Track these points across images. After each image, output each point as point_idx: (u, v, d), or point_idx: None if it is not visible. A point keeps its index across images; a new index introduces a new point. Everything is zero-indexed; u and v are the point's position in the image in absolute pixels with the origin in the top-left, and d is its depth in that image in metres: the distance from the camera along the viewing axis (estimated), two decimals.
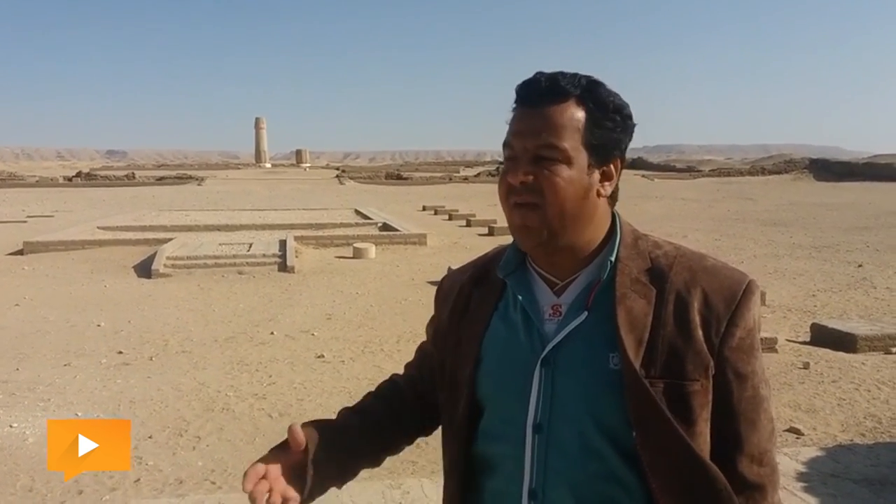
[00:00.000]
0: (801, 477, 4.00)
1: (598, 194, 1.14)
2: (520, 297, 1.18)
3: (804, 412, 5.62)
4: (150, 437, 5.10)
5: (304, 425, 1.23)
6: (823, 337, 7.63)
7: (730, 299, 1.10)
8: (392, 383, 1.44)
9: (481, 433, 1.21)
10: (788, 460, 4.22)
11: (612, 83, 1.18)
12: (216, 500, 3.81)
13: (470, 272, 1.32)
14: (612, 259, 1.14)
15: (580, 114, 1.11)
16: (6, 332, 8.27)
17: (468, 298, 1.27)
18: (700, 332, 1.08)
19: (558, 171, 1.10)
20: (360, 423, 1.32)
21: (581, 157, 1.11)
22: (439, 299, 1.37)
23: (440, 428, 1.32)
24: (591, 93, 1.12)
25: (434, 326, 1.38)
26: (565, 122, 1.10)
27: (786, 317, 9.03)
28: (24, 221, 21.78)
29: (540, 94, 1.11)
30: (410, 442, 1.41)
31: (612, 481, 1.10)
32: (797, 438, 5.09)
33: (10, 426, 5.26)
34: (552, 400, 1.12)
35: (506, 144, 1.14)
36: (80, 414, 5.55)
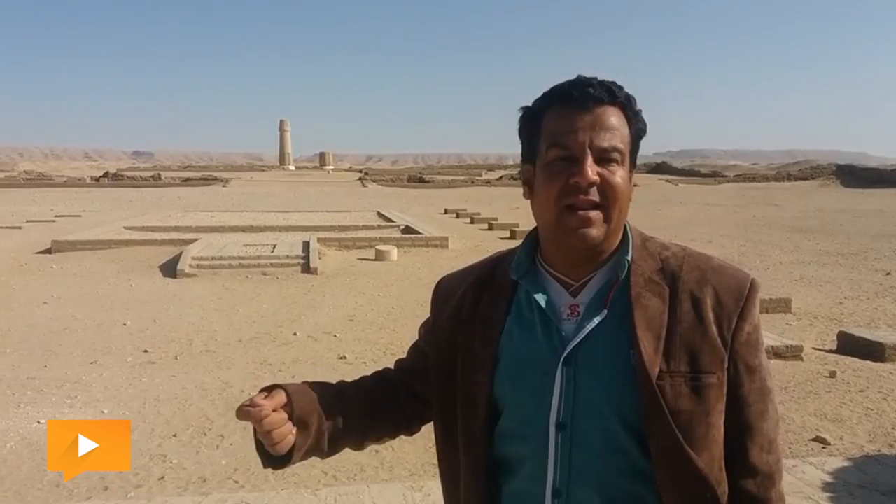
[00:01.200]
0: (826, 487, 3.95)
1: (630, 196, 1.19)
2: (538, 298, 1.19)
3: (830, 422, 5.55)
4: (174, 436, 5.15)
5: (302, 384, 1.27)
6: (851, 345, 7.52)
7: (738, 297, 1.15)
8: (388, 375, 1.43)
9: (499, 435, 1.21)
10: (814, 470, 4.17)
11: (638, 86, 1.19)
12: (239, 498, 3.84)
13: (475, 275, 1.32)
14: (629, 259, 1.17)
15: (625, 119, 1.16)
16: (35, 329, 8.40)
17: (475, 302, 1.28)
18: (714, 328, 1.13)
19: (619, 172, 1.14)
20: (361, 402, 1.32)
21: (627, 160, 1.17)
22: (437, 302, 1.37)
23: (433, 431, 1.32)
24: (629, 101, 1.17)
25: (430, 329, 1.37)
26: (619, 125, 1.15)
27: (812, 324, 8.91)
28: (53, 221, 22.12)
29: (595, 98, 1.13)
30: (394, 436, 1.42)
31: (637, 476, 1.12)
32: (823, 448, 5.02)
33: (38, 422, 5.34)
34: (575, 398, 1.13)
35: (555, 144, 1.14)
36: (105, 411, 5.63)
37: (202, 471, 4.60)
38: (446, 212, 27.46)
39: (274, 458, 1.20)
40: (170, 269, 12.76)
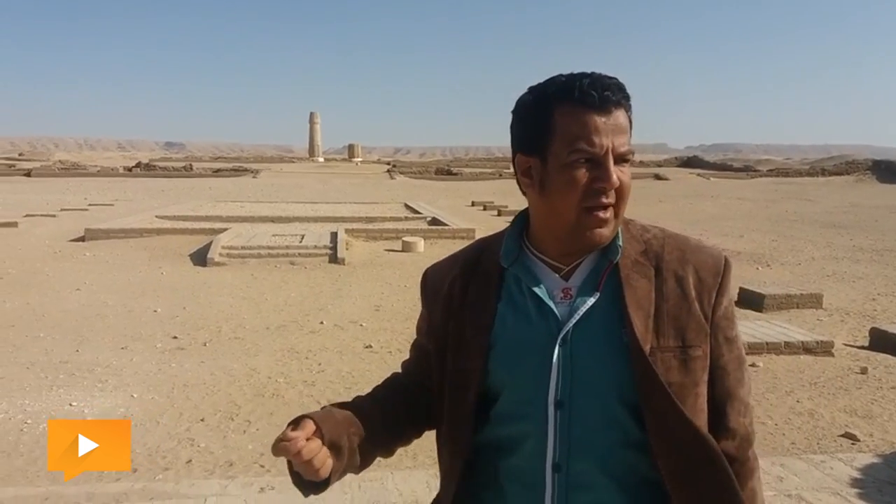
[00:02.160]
0: (855, 483, 3.89)
1: None
2: (532, 285, 1.23)
3: (860, 418, 5.46)
4: (202, 420, 5.23)
5: (324, 409, 1.26)
6: (883, 342, 7.39)
7: (716, 273, 1.23)
8: (399, 378, 1.45)
9: (496, 417, 1.24)
10: (843, 466, 4.11)
11: (669, 80, 1.13)
12: (265, 482, 3.88)
13: (460, 265, 1.34)
14: (620, 244, 1.22)
15: (628, 119, 1.19)
16: (68, 315, 8.56)
17: (464, 290, 1.29)
18: (697, 304, 1.20)
19: (628, 173, 1.20)
20: (381, 412, 1.33)
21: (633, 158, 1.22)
22: (427, 295, 1.38)
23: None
24: (627, 92, 1.19)
25: (426, 321, 1.39)
26: (627, 126, 1.18)
27: (843, 320, 8.77)
28: (86, 209, 22.50)
29: (614, 102, 1.16)
30: (419, 435, 1.42)
31: (634, 448, 1.18)
32: (853, 444, 4.95)
33: (70, 405, 5.46)
34: (573, 376, 1.17)
35: (578, 147, 1.14)
36: (135, 395, 5.72)
37: (229, 455, 4.67)
38: (473, 204, 27.45)
39: (313, 485, 1.21)
40: (200, 257, 12.92)
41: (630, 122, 1.20)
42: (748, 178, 49.16)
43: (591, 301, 1.19)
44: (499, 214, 23.30)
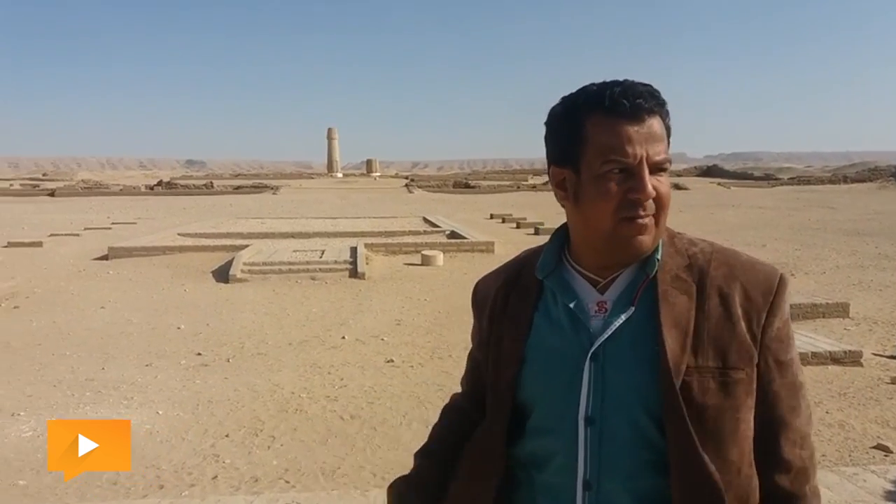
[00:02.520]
0: (889, 496, 3.81)
1: None
2: (565, 298, 1.21)
3: (893, 429, 5.36)
4: (226, 436, 5.25)
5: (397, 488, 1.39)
6: None
7: (767, 292, 1.16)
8: (459, 411, 1.46)
9: (530, 430, 1.23)
10: (876, 478, 4.02)
11: (690, 89, 1.09)
12: (290, 498, 3.88)
13: (503, 276, 1.35)
14: (658, 258, 1.18)
15: (664, 126, 1.16)
16: (93, 333, 8.65)
17: (505, 301, 1.30)
18: (743, 324, 1.13)
19: (666, 181, 1.17)
20: (444, 474, 1.38)
21: (670, 166, 1.19)
22: (476, 307, 1.39)
23: None
24: (663, 100, 1.16)
25: (476, 334, 1.40)
26: (663, 134, 1.16)
27: (871, 330, 8.63)
28: (109, 228, 22.76)
29: (647, 110, 1.13)
30: None
31: (663, 470, 1.13)
32: (885, 456, 4.86)
33: None
34: (603, 392, 1.15)
35: (611, 158, 1.12)
36: (160, 412, 5.76)
37: (254, 471, 4.68)
38: (492, 217, 27.42)
39: None
40: (222, 274, 13.01)
41: (667, 129, 1.17)
42: (769, 187, 48.77)
43: (624, 316, 1.16)
44: (517, 227, 23.26)
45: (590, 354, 1.16)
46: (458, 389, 1.52)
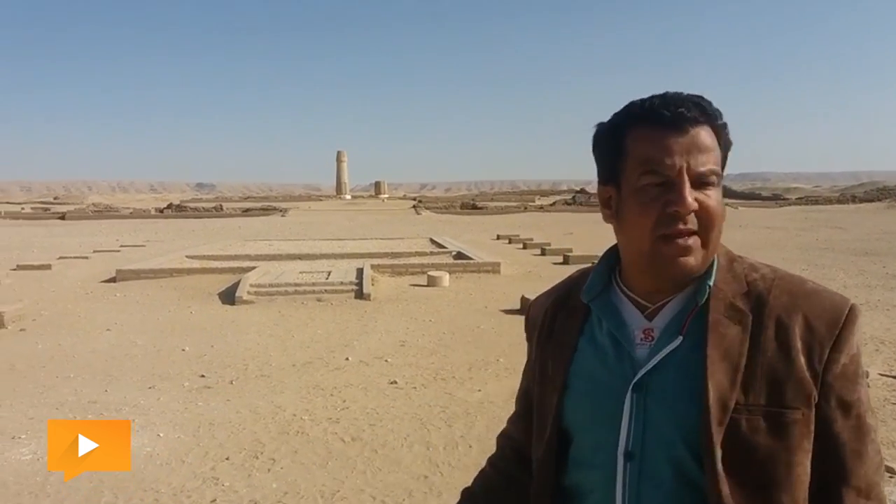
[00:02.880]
0: None
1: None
2: (609, 323, 1.16)
3: None
4: (226, 459, 5.22)
5: None
6: None
7: (832, 324, 1.06)
8: (506, 445, 1.48)
9: (571, 461, 1.18)
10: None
11: None
12: None
13: (553, 297, 1.30)
14: (711, 283, 1.10)
15: (715, 137, 1.09)
16: (97, 355, 8.66)
17: (553, 322, 1.26)
18: (802, 359, 1.04)
19: (714, 195, 1.08)
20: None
21: (719, 182, 1.11)
22: (527, 326, 1.36)
23: None
24: (719, 116, 1.11)
25: (529, 358, 1.35)
26: (713, 145, 1.08)
27: (878, 350, 8.55)
28: (118, 251, 22.88)
29: (689, 119, 1.07)
30: None
31: None
32: (890, 477, 4.79)
33: None
34: (644, 426, 1.08)
35: (649, 169, 1.07)
36: (161, 435, 5.74)
37: (253, 494, 4.64)
38: (499, 237, 27.42)
39: None
40: (228, 296, 13.03)
41: (721, 141, 1.10)
42: (777, 207, 48.69)
43: (671, 346, 1.08)
44: (524, 248, 23.25)
45: (632, 385, 1.10)
46: (461, 411, 1.54)
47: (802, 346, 1.04)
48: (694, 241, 1.07)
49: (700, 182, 1.06)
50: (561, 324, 1.24)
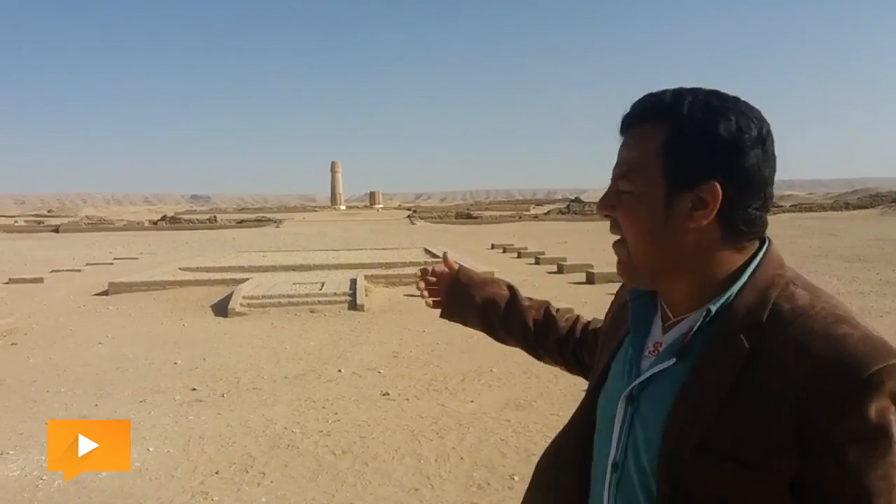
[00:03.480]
0: None
1: (689, 227, 1.01)
2: (633, 327, 1.15)
3: None
4: (216, 473, 5.19)
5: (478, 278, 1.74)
6: None
7: (842, 382, 0.86)
8: (548, 317, 1.62)
9: (591, 459, 1.18)
10: None
11: None
12: None
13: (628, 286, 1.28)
14: (714, 308, 0.99)
15: (658, 137, 1.01)
16: (88, 369, 8.62)
17: (622, 308, 1.24)
18: (790, 415, 0.88)
19: (630, 208, 1.04)
20: (511, 302, 1.63)
21: (656, 187, 1.02)
22: (615, 299, 1.35)
23: None
24: (671, 109, 1.01)
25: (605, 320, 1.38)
26: (638, 149, 1.03)
27: None
28: (111, 263, 22.81)
29: (628, 119, 1.07)
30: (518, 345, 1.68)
31: None
32: None
33: None
34: (628, 439, 1.06)
35: None
36: (150, 449, 5.71)
37: None
38: (493, 247, 27.44)
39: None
40: (221, 308, 12.99)
41: (664, 136, 1.01)
42: (771, 215, 48.78)
43: (662, 366, 1.03)
44: (518, 256, 23.26)
45: (624, 396, 1.08)
46: (453, 423, 1.60)
47: (795, 401, 0.88)
48: (620, 250, 1.07)
49: (619, 191, 1.05)
50: (616, 315, 1.25)
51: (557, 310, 1.69)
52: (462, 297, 1.71)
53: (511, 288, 1.66)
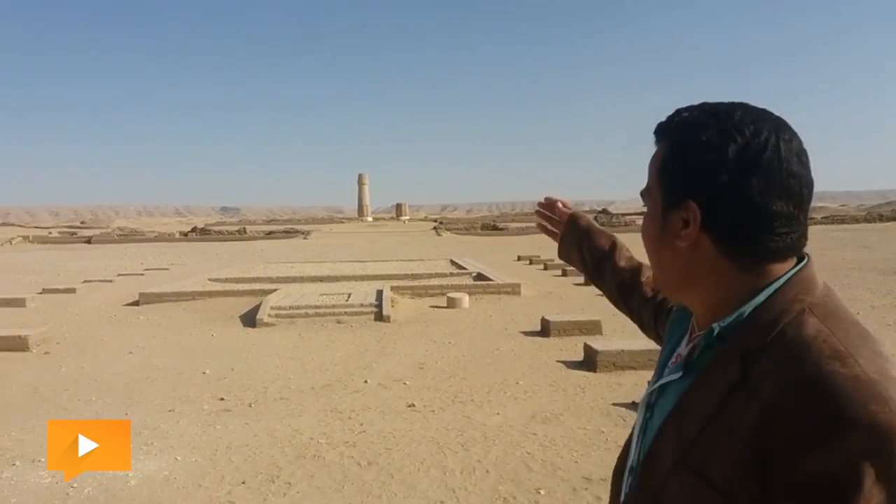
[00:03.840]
0: None
1: (680, 246, 1.01)
2: (668, 334, 1.17)
3: None
4: (243, 483, 5.21)
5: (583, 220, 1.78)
6: None
7: (817, 420, 0.82)
8: (636, 278, 1.63)
9: None
10: None
11: None
12: None
13: None
14: (718, 327, 0.98)
15: (659, 157, 1.04)
16: (119, 378, 8.73)
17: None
18: (757, 446, 0.86)
19: (648, 216, 1.07)
20: (607, 253, 1.69)
21: (657, 205, 1.04)
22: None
23: None
24: (667, 127, 1.04)
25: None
26: (658, 162, 1.04)
27: None
28: (142, 274, 23.15)
29: (656, 135, 1.07)
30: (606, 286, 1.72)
31: None
32: None
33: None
34: (643, 446, 1.07)
35: None
36: (179, 458, 5.76)
37: None
38: (519, 258, 27.38)
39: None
40: (249, 318, 13.11)
41: (665, 150, 1.03)
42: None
43: (671, 378, 1.05)
44: (545, 268, 23.16)
45: (643, 403, 1.11)
46: (479, 435, 1.57)
47: (764, 432, 0.86)
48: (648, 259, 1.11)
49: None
50: (678, 315, 1.23)
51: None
52: (569, 240, 1.78)
53: (614, 242, 1.72)
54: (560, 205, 1.82)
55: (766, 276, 0.98)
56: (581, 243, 1.74)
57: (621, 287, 1.65)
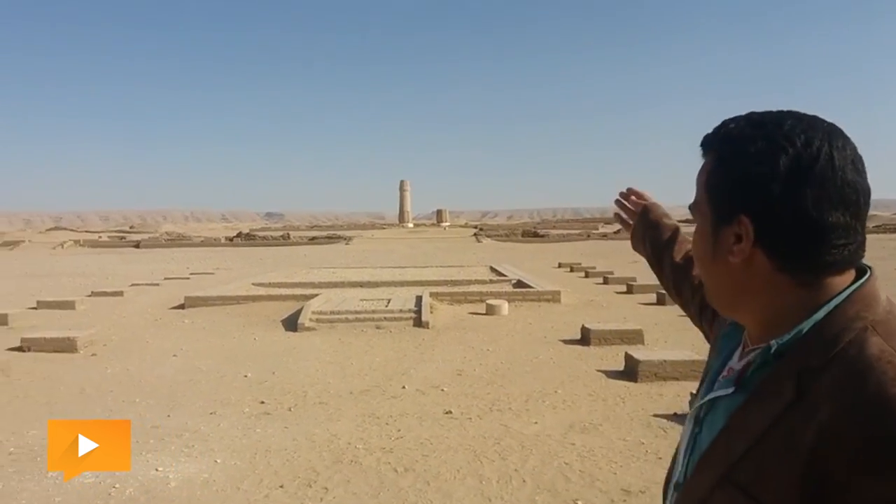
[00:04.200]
0: None
1: (733, 262, 0.98)
2: (717, 347, 1.15)
3: None
4: (281, 487, 5.25)
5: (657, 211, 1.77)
6: None
7: (879, 443, 0.79)
8: (690, 268, 1.60)
9: None
10: None
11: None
12: None
13: None
14: (776, 344, 0.93)
15: (706, 170, 1.02)
16: (163, 380, 8.89)
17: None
18: (812, 468, 0.83)
19: (696, 231, 1.06)
20: (666, 244, 1.69)
21: (707, 220, 1.02)
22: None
23: None
24: (713, 139, 1.01)
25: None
26: (704, 175, 1.02)
27: None
28: (188, 278, 23.60)
29: (702, 149, 1.04)
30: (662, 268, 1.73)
31: None
32: None
33: (156, 469, 5.60)
34: (690, 461, 1.04)
35: None
36: (218, 461, 5.83)
37: None
38: (560, 266, 27.18)
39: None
40: (291, 323, 13.25)
41: (712, 162, 1.01)
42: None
43: (722, 392, 1.01)
44: (586, 276, 22.95)
45: (691, 416, 1.08)
46: (516, 444, 1.54)
47: (821, 454, 0.83)
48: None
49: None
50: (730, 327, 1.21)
51: None
52: (639, 232, 1.80)
53: (673, 233, 1.72)
54: (634, 197, 1.83)
55: (824, 290, 0.95)
56: (646, 235, 1.75)
57: (676, 279, 1.65)
